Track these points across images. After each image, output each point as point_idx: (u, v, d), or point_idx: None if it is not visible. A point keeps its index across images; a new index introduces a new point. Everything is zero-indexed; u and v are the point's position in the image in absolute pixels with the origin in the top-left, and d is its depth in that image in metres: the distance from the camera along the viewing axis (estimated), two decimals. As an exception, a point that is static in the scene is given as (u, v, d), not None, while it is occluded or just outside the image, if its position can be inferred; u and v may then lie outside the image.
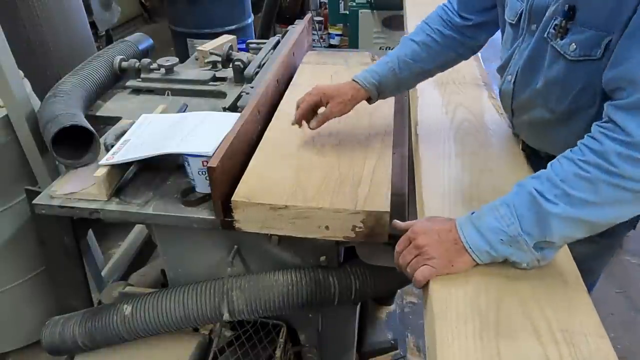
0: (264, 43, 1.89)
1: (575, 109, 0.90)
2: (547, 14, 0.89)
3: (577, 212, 0.72)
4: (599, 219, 0.73)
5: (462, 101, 1.37)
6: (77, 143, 1.28)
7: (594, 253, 1.04)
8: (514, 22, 1.01)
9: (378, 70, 1.16)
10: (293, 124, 1.20)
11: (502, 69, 1.09)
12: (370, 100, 1.19)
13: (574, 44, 0.83)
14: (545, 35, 0.89)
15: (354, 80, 1.17)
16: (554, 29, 0.87)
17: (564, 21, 0.84)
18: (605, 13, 0.77)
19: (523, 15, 0.97)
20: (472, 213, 0.82)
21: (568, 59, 0.85)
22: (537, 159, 1.08)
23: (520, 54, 0.99)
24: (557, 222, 0.73)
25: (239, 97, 1.47)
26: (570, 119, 0.92)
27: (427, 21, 1.19)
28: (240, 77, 1.62)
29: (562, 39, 0.85)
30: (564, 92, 0.88)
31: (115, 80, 1.69)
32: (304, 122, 1.21)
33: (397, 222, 0.91)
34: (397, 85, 1.18)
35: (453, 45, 1.16)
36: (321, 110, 1.19)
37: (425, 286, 0.83)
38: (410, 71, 1.16)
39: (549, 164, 0.78)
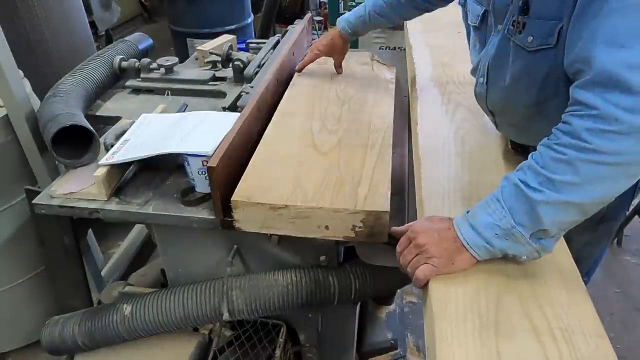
0: (264, 43, 1.89)
1: (543, 100, 0.93)
2: (507, 12, 0.94)
3: (562, 196, 0.72)
4: (586, 200, 0.73)
5: (462, 101, 1.37)
6: (77, 143, 1.28)
7: (594, 239, 1.07)
8: (477, 25, 1.06)
9: (352, 21, 1.50)
10: (298, 70, 1.62)
11: (474, 72, 1.13)
12: (348, 42, 1.58)
13: (531, 36, 0.87)
14: (506, 32, 0.94)
15: (338, 31, 1.54)
16: (512, 25, 0.91)
17: (520, 17, 0.88)
18: (556, 3, 0.81)
19: (488, 18, 1.01)
20: (468, 212, 0.83)
21: (527, 51, 0.89)
22: (527, 155, 1.10)
23: (487, 54, 1.03)
24: (546, 209, 0.74)
25: (239, 97, 1.47)
26: (542, 110, 0.95)
27: None
28: (240, 77, 1.62)
29: (520, 34, 0.89)
30: (529, 84, 0.91)
31: (115, 80, 1.69)
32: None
33: (395, 228, 0.93)
34: (366, 31, 1.53)
35: (415, 3, 1.37)
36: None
37: (425, 285, 0.83)
38: (378, 23, 1.46)
39: (530, 155, 0.79)
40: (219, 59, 1.73)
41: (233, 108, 1.45)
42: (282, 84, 1.57)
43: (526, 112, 0.98)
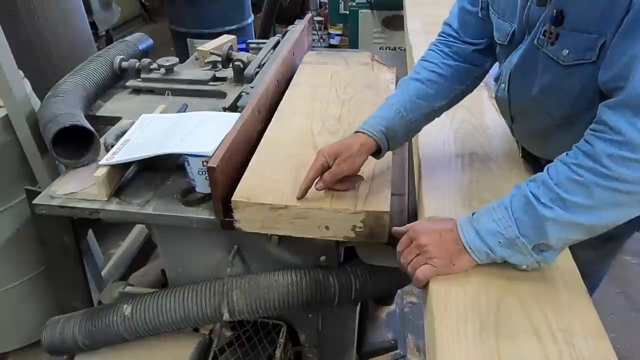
0: (264, 43, 1.89)
1: (575, 113, 0.89)
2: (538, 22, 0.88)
3: (572, 216, 0.71)
4: (595, 222, 0.72)
5: (461, 102, 1.37)
6: (77, 143, 1.28)
7: (600, 256, 1.04)
8: (505, 43, 0.98)
9: (383, 115, 1.03)
10: (299, 198, 1.03)
11: (497, 79, 1.08)
12: (379, 152, 1.04)
13: (566, 49, 0.82)
14: (536, 42, 0.88)
15: (358, 131, 1.03)
16: (543, 35, 0.85)
17: (552, 27, 0.82)
18: (597, 15, 0.75)
19: (517, 33, 0.94)
20: (473, 214, 0.82)
21: (562, 64, 0.84)
22: (537, 166, 1.06)
23: (510, 63, 0.98)
24: (553, 225, 0.73)
25: (239, 97, 1.47)
26: (570, 123, 0.91)
27: (426, 58, 1.10)
28: (240, 77, 1.62)
29: (552, 45, 0.84)
30: (561, 97, 0.87)
31: (115, 80, 1.69)
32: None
33: (396, 228, 0.91)
34: (406, 130, 1.05)
35: (460, 76, 1.08)
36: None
37: (425, 286, 0.83)
38: (419, 111, 1.05)
39: (545, 167, 0.77)
40: (219, 59, 1.73)
41: (233, 108, 1.45)
42: (282, 84, 1.57)
43: (551, 122, 0.94)
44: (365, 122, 1.04)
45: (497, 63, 1.08)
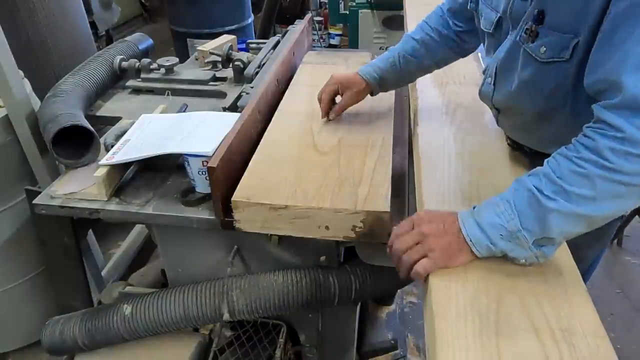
0: (264, 43, 1.89)
1: (549, 109, 0.93)
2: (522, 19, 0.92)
3: (575, 207, 0.73)
4: (597, 213, 0.74)
5: (462, 101, 1.37)
6: (77, 143, 1.28)
7: (585, 242, 1.06)
8: (491, 32, 1.03)
9: (380, 65, 1.25)
10: (323, 117, 1.31)
11: (484, 72, 1.12)
12: (372, 93, 1.30)
13: (543, 46, 0.86)
14: (517, 39, 0.93)
15: (357, 73, 1.26)
16: (525, 32, 0.90)
17: (534, 25, 0.87)
18: (571, 17, 0.79)
19: (503, 24, 0.99)
20: (474, 207, 0.83)
21: (539, 61, 0.88)
22: (522, 152, 1.12)
23: (496, 58, 1.02)
24: (556, 217, 0.74)
25: (239, 97, 1.47)
26: (546, 119, 0.95)
27: (427, 20, 1.25)
28: (240, 77, 1.62)
29: (532, 42, 0.88)
30: (536, 93, 0.91)
31: (115, 80, 1.69)
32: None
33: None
34: (397, 79, 1.28)
35: (450, 44, 1.23)
36: (338, 99, 1.31)
37: (425, 285, 0.83)
38: (410, 66, 1.24)
39: (545, 161, 0.78)
40: (219, 59, 1.73)
41: (233, 108, 1.45)
42: (282, 84, 1.57)
43: (531, 117, 0.98)
44: (365, 67, 1.26)
45: (486, 57, 1.13)
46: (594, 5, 0.75)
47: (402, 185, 1.22)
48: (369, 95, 1.31)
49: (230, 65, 1.66)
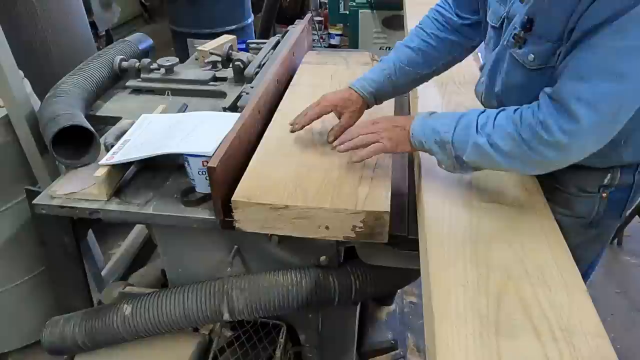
0: (264, 43, 1.89)
1: None
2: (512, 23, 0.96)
3: (489, 149, 0.88)
4: (502, 162, 0.89)
5: (462, 101, 1.37)
6: (77, 143, 1.28)
7: (584, 243, 1.09)
8: (497, 26, 1.04)
9: (375, 78, 1.19)
10: (294, 129, 1.19)
11: (481, 69, 1.14)
12: (368, 106, 1.22)
13: (532, 54, 0.91)
14: (505, 43, 0.96)
15: (351, 87, 1.19)
16: (512, 37, 0.94)
17: (522, 32, 0.91)
18: (559, 27, 0.84)
19: (505, 21, 1.00)
20: (433, 113, 0.99)
21: (527, 68, 0.93)
22: None
23: (491, 57, 1.04)
24: (474, 147, 0.90)
25: (239, 97, 1.47)
26: None
27: (422, 26, 1.21)
28: (240, 77, 1.62)
29: (520, 49, 0.93)
30: (523, 96, 0.93)
31: (115, 80, 1.69)
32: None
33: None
34: (393, 91, 1.23)
35: (449, 47, 1.19)
36: (328, 116, 1.22)
37: (425, 285, 0.83)
38: (406, 77, 1.19)
39: (501, 109, 0.91)
40: (219, 59, 1.73)
41: (233, 108, 1.45)
42: (282, 84, 1.57)
43: None
44: (358, 81, 1.19)
45: (485, 49, 1.14)
46: (574, 17, 0.81)
47: (402, 186, 1.22)
48: None
49: (230, 65, 1.66)
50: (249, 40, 2.02)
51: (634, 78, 0.76)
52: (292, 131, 1.20)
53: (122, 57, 1.67)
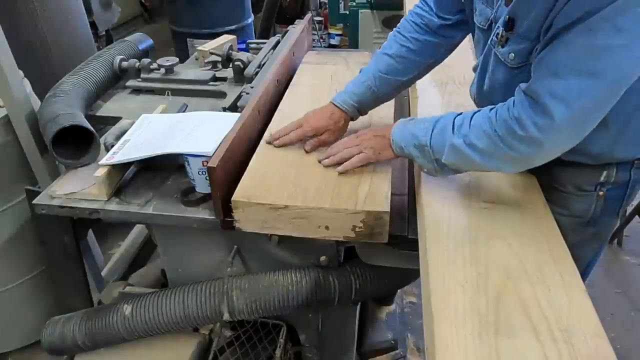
0: (264, 43, 1.89)
1: None
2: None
3: (466, 149, 0.90)
4: (480, 162, 0.90)
5: (462, 101, 1.37)
6: (77, 143, 1.28)
7: (582, 242, 1.09)
8: (485, 28, 1.05)
9: (355, 91, 1.19)
10: (270, 142, 1.21)
11: (474, 70, 1.15)
12: (352, 119, 1.23)
13: (512, 53, 0.93)
14: (489, 42, 0.99)
15: (332, 103, 1.20)
16: (496, 37, 0.96)
17: (504, 31, 0.93)
18: (538, 26, 0.86)
19: (493, 23, 1.01)
20: (413, 119, 1.03)
21: (509, 66, 0.95)
22: None
23: (480, 59, 1.07)
24: (451, 149, 0.92)
25: (239, 97, 1.47)
26: None
27: (400, 30, 1.20)
28: (240, 77, 1.62)
29: (502, 47, 0.95)
30: (507, 94, 0.94)
31: (115, 80, 1.69)
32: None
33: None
34: (376, 101, 1.23)
35: (429, 50, 1.18)
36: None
37: (425, 285, 0.83)
38: (388, 86, 1.20)
39: (478, 109, 0.93)
40: (219, 59, 1.73)
41: (233, 108, 1.45)
42: (282, 84, 1.57)
43: None
44: (339, 95, 1.20)
45: (475, 51, 1.16)
46: (551, 18, 0.82)
47: (402, 186, 1.22)
48: None
49: (230, 65, 1.66)
50: (249, 40, 2.02)
51: (607, 75, 0.77)
52: (269, 143, 1.21)
53: (122, 57, 1.67)
